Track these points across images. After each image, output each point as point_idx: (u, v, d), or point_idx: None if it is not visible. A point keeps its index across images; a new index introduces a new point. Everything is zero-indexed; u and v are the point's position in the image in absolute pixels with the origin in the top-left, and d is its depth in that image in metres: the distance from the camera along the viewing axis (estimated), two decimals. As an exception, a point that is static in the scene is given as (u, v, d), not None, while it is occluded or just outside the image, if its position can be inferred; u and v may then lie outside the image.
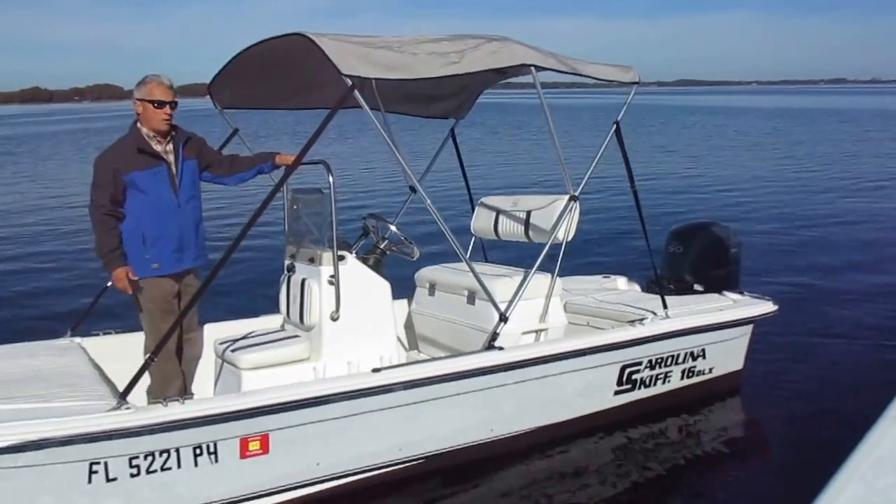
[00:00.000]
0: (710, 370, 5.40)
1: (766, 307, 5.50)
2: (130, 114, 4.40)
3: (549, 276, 4.94)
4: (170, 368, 4.32)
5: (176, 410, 3.41)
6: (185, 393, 4.06)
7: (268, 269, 5.04)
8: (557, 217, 4.91)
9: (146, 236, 4.19)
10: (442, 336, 5.29)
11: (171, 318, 4.14)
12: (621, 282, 6.29)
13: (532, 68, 4.61)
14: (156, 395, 4.15)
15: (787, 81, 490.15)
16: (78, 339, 4.73)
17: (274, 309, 5.04)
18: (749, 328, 5.52)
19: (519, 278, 4.78)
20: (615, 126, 5.04)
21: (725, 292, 5.70)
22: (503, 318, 4.42)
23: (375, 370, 3.97)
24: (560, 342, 4.69)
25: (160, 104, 4.19)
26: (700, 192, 16.54)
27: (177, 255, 4.30)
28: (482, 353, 4.33)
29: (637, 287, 6.22)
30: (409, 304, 5.56)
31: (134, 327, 5.05)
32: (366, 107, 3.97)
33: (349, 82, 3.84)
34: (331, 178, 4.26)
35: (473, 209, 5.85)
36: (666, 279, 6.14)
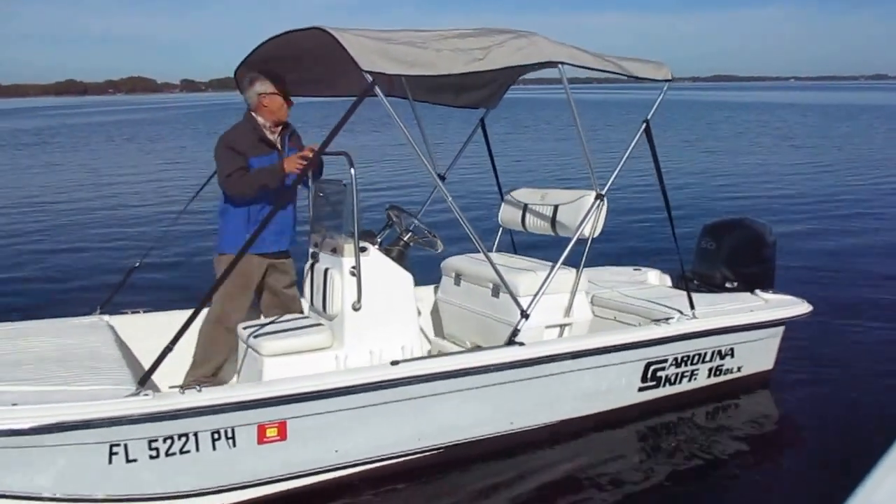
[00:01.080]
0: (739, 369, 5.30)
1: (800, 308, 5.37)
2: (163, 106, 4.55)
3: (574, 270, 4.88)
4: (219, 345, 4.66)
5: (191, 398, 3.44)
6: (218, 373, 4.58)
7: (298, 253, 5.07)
8: (584, 214, 4.86)
9: (251, 216, 4.56)
10: (468, 326, 5.27)
11: (249, 295, 4.69)
12: (652, 275, 6.20)
13: (559, 65, 4.53)
14: (195, 367, 4.64)
15: (827, 77, 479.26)
16: (106, 318, 4.82)
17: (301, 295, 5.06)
18: (781, 328, 5.40)
19: (544, 272, 4.72)
20: (645, 124, 4.94)
21: (758, 291, 5.58)
22: (524, 315, 4.38)
23: (394, 362, 3.96)
24: (582, 339, 4.64)
25: (275, 94, 4.60)
26: (735, 188, 16.24)
27: (275, 238, 4.67)
28: (502, 349, 4.30)
29: (668, 281, 6.13)
30: (436, 291, 5.54)
31: (161, 307, 5.13)
32: (386, 103, 3.94)
33: (369, 78, 3.80)
34: (352, 171, 4.24)
35: (503, 200, 5.80)
36: (697, 275, 6.05)
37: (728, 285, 5.89)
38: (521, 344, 4.31)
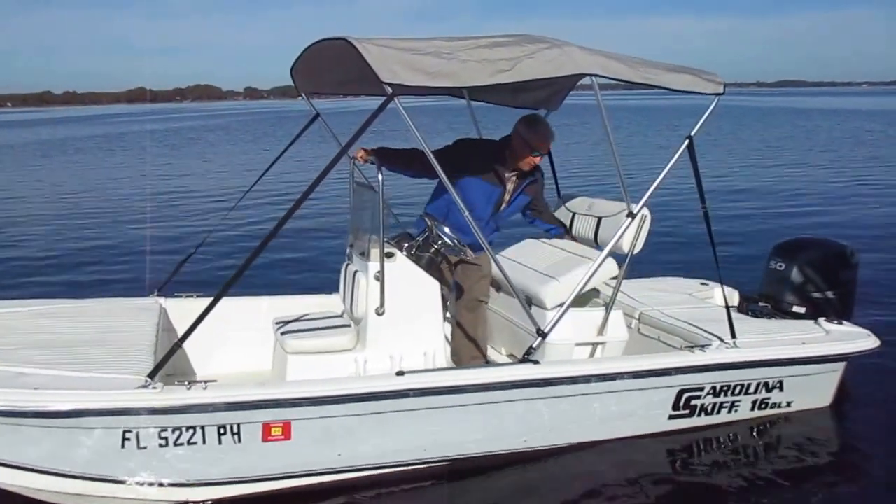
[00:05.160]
0: (789, 404, 4.98)
1: (865, 343, 4.96)
2: (228, 112, 4.72)
3: (611, 286, 4.73)
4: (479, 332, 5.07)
5: (196, 395, 3.63)
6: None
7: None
8: (623, 229, 4.68)
9: (449, 220, 4.76)
10: (503, 334, 5.25)
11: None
12: (718, 292, 5.90)
13: (592, 78, 4.36)
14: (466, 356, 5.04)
15: None
16: (161, 300, 5.11)
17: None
18: (841, 364, 5.01)
19: (576, 287, 4.60)
20: (688, 141, 4.67)
21: (822, 320, 5.19)
22: (541, 334, 4.29)
23: (399, 373, 4.01)
24: (601, 362, 4.52)
25: (538, 155, 4.83)
26: (814, 204, 14.85)
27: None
28: (513, 366, 4.25)
29: (735, 301, 5.81)
30: None
31: (207, 293, 5.40)
32: (405, 115, 3.93)
33: (389, 90, 3.82)
34: (380, 176, 4.29)
35: (557, 205, 5.69)
36: (765, 298, 5.71)
37: (796, 310, 5.53)
38: (536, 362, 4.24)
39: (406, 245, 4.80)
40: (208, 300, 5.15)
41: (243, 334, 5.22)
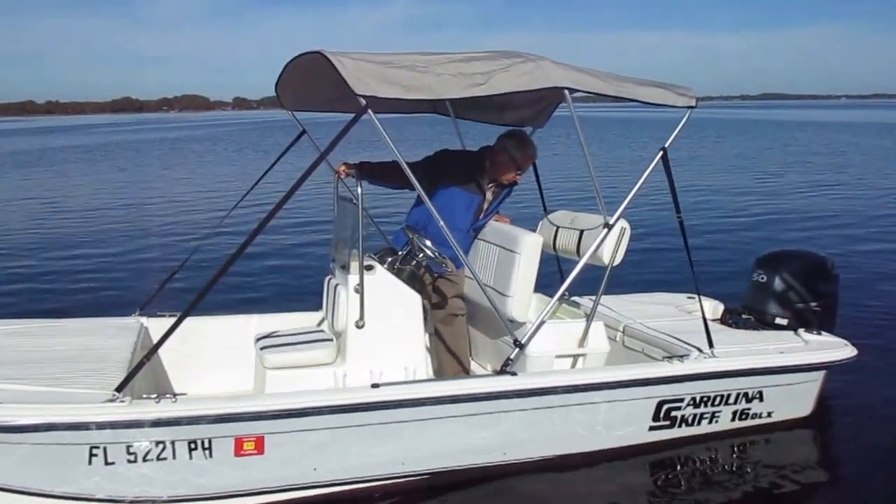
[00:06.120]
0: (769, 414, 4.96)
1: (842, 352, 4.97)
2: (215, 123, 4.70)
3: (591, 298, 4.74)
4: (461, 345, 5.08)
5: (163, 408, 3.58)
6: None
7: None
8: (601, 240, 4.69)
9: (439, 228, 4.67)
10: (487, 347, 5.25)
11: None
12: (707, 305, 5.90)
13: (566, 91, 4.39)
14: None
15: (880, 95, 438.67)
16: (143, 320, 5.06)
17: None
18: (821, 373, 5.01)
19: (554, 299, 4.60)
20: (662, 153, 4.71)
21: (802, 331, 5.20)
22: (518, 344, 4.28)
23: (374, 385, 3.98)
24: (578, 373, 4.52)
25: (520, 170, 4.99)
26: (799, 216, 14.86)
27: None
28: (490, 378, 4.23)
29: (719, 313, 5.82)
30: None
31: (197, 311, 5.36)
32: (380, 127, 3.95)
33: (363, 102, 3.84)
34: (359, 189, 4.29)
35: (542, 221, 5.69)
36: (748, 309, 5.72)
37: (779, 322, 5.53)
38: (513, 374, 4.23)
39: (389, 259, 4.80)
40: (192, 318, 5.14)
41: (230, 353, 5.19)
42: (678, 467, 4.60)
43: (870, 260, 10.49)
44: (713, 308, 5.90)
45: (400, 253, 4.85)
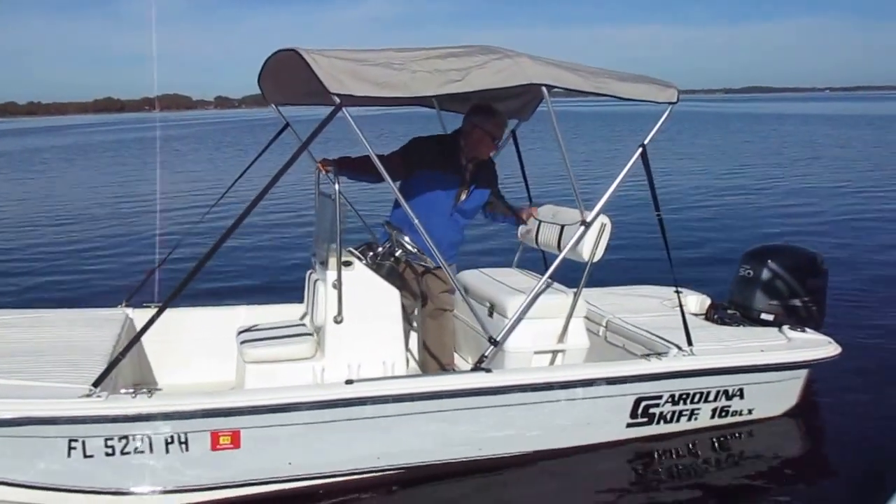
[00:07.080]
0: (750, 411, 4.96)
1: (826, 350, 4.95)
2: (198, 122, 4.74)
3: (571, 294, 4.74)
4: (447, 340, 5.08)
5: (140, 403, 3.64)
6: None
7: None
8: (579, 236, 4.69)
9: (414, 224, 4.60)
10: (469, 343, 5.27)
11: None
12: (693, 300, 5.90)
13: (543, 88, 4.37)
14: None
15: (863, 87, 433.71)
16: (129, 310, 5.12)
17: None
18: (803, 371, 5.00)
19: (534, 295, 4.61)
20: (641, 149, 4.69)
21: (786, 328, 5.18)
22: (493, 342, 4.31)
23: (349, 381, 4.02)
24: (554, 370, 4.53)
25: (496, 140, 4.96)
26: (789, 209, 14.73)
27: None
28: (465, 374, 4.26)
29: (705, 308, 5.82)
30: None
31: (179, 303, 5.42)
32: (354, 125, 3.96)
33: (337, 100, 3.85)
34: (336, 186, 4.32)
35: None
36: (734, 305, 5.71)
37: (764, 318, 5.51)
38: (488, 370, 4.25)
39: (370, 254, 4.83)
40: (178, 309, 5.22)
41: (216, 344, 5.22)
42: (656, 463, 4.62)
43: (859, 256, 10.39)
44: (699, 302, 5.91)
45: (380, 249, 4.87)
